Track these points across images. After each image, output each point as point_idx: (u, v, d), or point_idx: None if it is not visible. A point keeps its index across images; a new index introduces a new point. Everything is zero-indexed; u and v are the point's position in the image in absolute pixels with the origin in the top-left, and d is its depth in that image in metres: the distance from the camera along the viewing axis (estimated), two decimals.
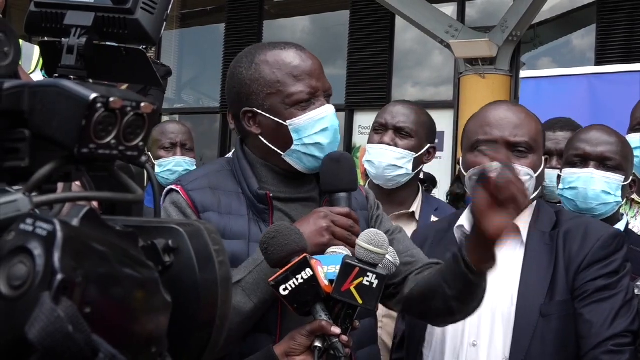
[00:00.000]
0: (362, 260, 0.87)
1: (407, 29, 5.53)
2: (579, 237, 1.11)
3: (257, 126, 1.02)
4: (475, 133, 1.16)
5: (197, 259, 0.42)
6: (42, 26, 0.47)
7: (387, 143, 1.52)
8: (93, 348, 0.34)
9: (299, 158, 1.01)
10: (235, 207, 1.00)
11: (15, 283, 0.34)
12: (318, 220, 0.95)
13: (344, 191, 0.99)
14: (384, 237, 0.89)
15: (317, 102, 1.01)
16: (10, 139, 0.42)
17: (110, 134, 0.41)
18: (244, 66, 1.03)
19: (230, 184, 1.02)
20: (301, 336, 0.88)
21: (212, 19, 6.69)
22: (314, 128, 1.00)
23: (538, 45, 5.40)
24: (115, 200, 0.45)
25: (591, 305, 1.06)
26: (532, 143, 1.14)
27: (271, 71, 1.01)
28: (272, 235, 0.87)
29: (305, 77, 1.01)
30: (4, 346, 0.34)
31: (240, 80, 1.03)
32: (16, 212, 0.37)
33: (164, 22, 0.48)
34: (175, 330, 0.41)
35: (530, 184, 1.13)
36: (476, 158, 1.15)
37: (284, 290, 0.85)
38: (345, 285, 0.86)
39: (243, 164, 1.03)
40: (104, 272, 0.36)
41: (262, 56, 1.03)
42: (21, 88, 0.41)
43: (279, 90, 1.00)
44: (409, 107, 1.58)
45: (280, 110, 1.00)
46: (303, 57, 1.02)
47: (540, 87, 3.43)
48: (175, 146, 1.98)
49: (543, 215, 1.16)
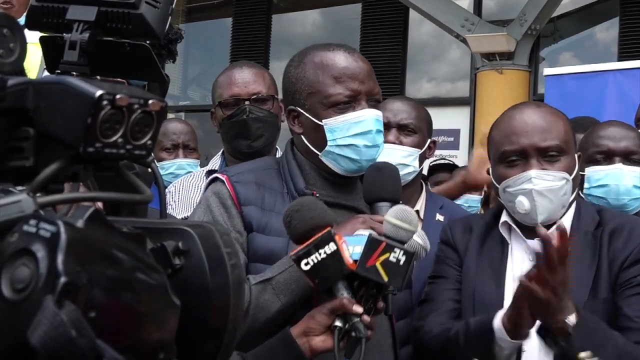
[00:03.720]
0: (390, 237, 0.84)
1: (422, 22, 5.46)
2: (624, 235, 1.08)
3: (300, 125, 1.04)
4: (501, 144, 1.12)
5: (208, 261, 0.41)
6: (43, 21, 0.46)
7: (392, 142, 1.49)
8: (97, 353, 0.33)
9: (335, 159, 1.02)
10: (279, 205, 0.99)
11: (18, 286, 0.33)
12: (355, 225, 0.94)
13: (387, 200, 0.97)
14: (413, 214, 0.86)
15: (357, 106, 1.01)
16: (15, 137, 0.41)
17: (117, 133, 0.40)
18: (294, 65, 1.05)
19: (276, 183, 1.02)
20: (321, 314, 0.85)
21: (219, 13, 6.64)
22: (349, 130, 1.00)
23: (558, 39, 5.28)
24: (123, 201, 0.44)
25: (631, 298, 1.04)
26: (563, 145, 1.11)
27: (314, 71, 1.02)
28: (297, 208, 0.85)
29: (346, 80, 1.01)
30: (7, 350, 0.33)
31: (288, 79, 1.05)
32: (20, 212, 0.36)
33: (169, 16, 0.47)
34: (186, 335, 0.40)
35: (567, 188, 1.10)
36: (507, 169, 1.11)
37: (306, 264, 0.82)
38: (371, 261, 0.82)
39: (291, 164, 1.04)
40: (110, 275, 0.35)
41: (310, 56, 1.04)
42: (25, 85, 0.40)
43: (318, 90, 1.01)
44: (408, 103, 1.56)
45: (318, 110, 1.01)
46: (349, 59, 1.02)
47: (564, 84, 3.37)
48: (177, 147, 1.93)
49: (585, 214, 1.13)
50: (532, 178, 1.08)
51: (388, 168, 1.00)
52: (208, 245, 0.41)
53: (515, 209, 1.11)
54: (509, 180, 1.10)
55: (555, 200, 1.09)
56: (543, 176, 1.08)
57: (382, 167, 1.00)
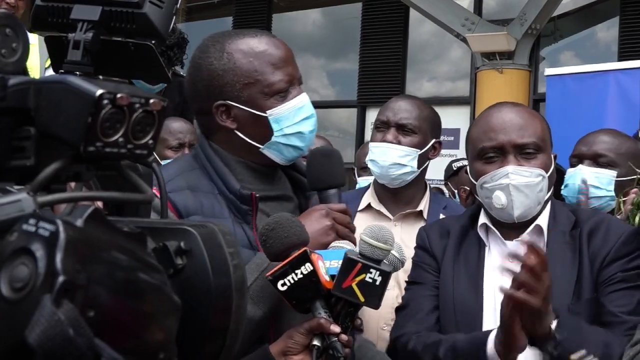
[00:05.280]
0: (366, 256, 0.84)
1: (422, 22, 5.46)
2: (601, 233, 1.10)
3: (232, 120, 0.95)
4: (479, 140, 1.13)
5: (210, 261, 0.41)
6: (48, 21, 0.46)
7: (390, 141, 1.48)
8: (95, 353, 0.32)
9: (279, 150, 0.97)
10: (217, 209, 0.94)
11: (17, 285, 0.33)
12: (321, 219, 0.92)
13: (336, 187, 0.96)
14: (389, 231, 0.85)
15: (293, 91, 0.96)
16: (16, 137, 0.41)
17: (117, 132, 0.40)
18: (214, 56, 0.96)
19: (205, 184, 0.95)
20: (299, 334, 0.85)
21: (219, 12, 6.65)
22: (296, 117, 0.96)
23: (558, 38, 5.28)
24: (124, 201, 0.44)
25: (612, 294, 1.05)
26: (540, 142, 1.12)
27: (247, 60, 0.94)
28: (272, 227, 0.83)
29: (283, 65, 0.95)
30: (6, 349, 0.33)
31: (211, 72, 0.95)
32: (20, 212, 0.36)
33: (173, 16, 0.46)
34: (188, 335, 0.40)
35: (543, 185, 1.11)
36: (484, 166, 1.12)
37: (282, 285, 0.81)
38: (347, 282, 0.82)
39: (216, 162, 0.96)
40: (109, 275, 0.35)
41: (233, 45, 0.96)
42: (27, 85, 0.40)
43: (257, 79, 0.94)
44: (411, 102, 1.54)
45: (259, 100, 0.94)
46: (277, 44, 0.97)
47: (565, 84, 3.37)
48: (183, 146, 1.93)
49: (560, 214, 1.15)
50: (509, 173, 1.09)
51: (335, 153, 0.97)
52: (210, 245, 0.41)
53: (492, 204, 1.11)
54: (487, 176, 1.11)
55: (532, 195, 1.10)
56: (520, 172, 1.09)
57: (330, 154, 0.97)
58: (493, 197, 1.10)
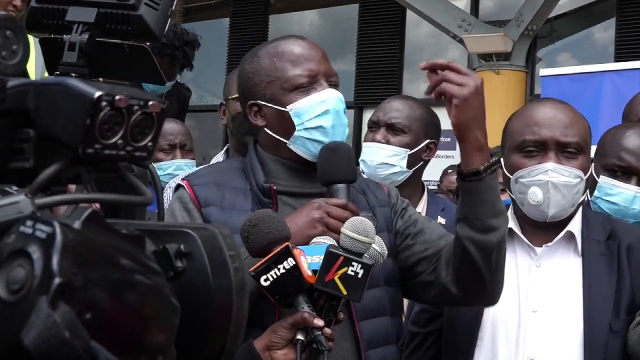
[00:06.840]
0: (347, 250, 0.84)
1: (419, 23, 5.47)
2: None
3: (262, 118, 1.01)
4: (521, 133, 1.10)
5: (210, 264, 0.41)
6: (43, 22, 0.46)
7: (379, 141, 1.47)
8: (91, 355, 0.32)
9: (304, 144, 0.99)
10: (240, 203, 0.98)
11: (14, 287, 0.33)
12: (311, 212, 0.93)
13: (342, 182, 0.96)
14: (370, 225, 0.86)
15: (319, 87, 1.00)
16: (15, 139, 0.41)
17: (116, 134, 0.39)
18: (247, 61, 1.04)
19: (238, 181, 1.01)
20: (283, 329, 0.85)
21: (216, 13, 6.64)
22: (315, 111, 0.98)
23: (555, 39, 5.30)
24: (122, 203, 0.43)
25: None
26: (583, 143, 1.09)
27: (270, 60, 1.01)
28: (254, 222, 0.84)
29: (304, 61, 0.99)
30: (3, 351, 0.33)
31: (244, 76, 1.03)
32: (18, 214, 0.36)
33: (168, 18, 0.46)
34: (188, 338, 0.40)
35: (580, 187, 1.08)
36: (523, 159, 1.09)
37: (265, 280, 0.82)
38: (329, 275, 0.83)
39: (253, 161, 1.02)
40: (107, 277, 0.35)
41: (263, 50, 1.04)
42: (26, 86, 0.40)
43: (277, 77, 0.99)
44: (403, 101, 1.52)
45: (280, 96, 0.99)
46: (302, 44, 1.02)
47: (560, 84, 3.38)
48: (174, 148, 1.90)
49: (593, 222, 1.11)
50: (548, 170, 1.06)
51: (342, 148, 0.98)
52: (211, 248, 0.41)
53: (525, 200, 1.08)
54: (524, 170, 1.08)
55: (569, 196, 1.07)
56: (560, 170, 1.06)
57: (335, 148, 0.98)
58: (529, 192, 1.06)
